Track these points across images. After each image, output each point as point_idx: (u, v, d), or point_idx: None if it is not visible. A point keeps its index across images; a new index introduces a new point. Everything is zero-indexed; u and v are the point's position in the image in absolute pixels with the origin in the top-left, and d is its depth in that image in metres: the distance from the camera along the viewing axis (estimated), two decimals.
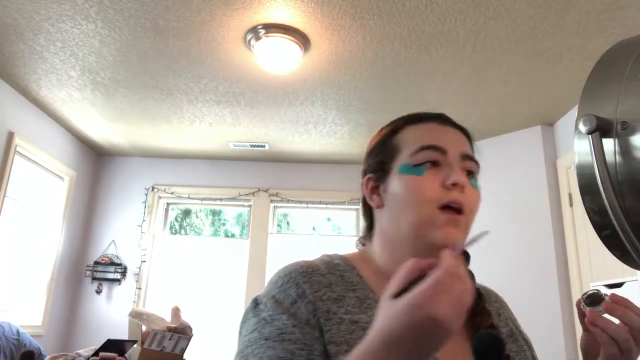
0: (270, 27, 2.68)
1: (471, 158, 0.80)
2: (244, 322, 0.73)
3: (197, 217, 5.22)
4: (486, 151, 3.06)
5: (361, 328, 0.67)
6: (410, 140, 0.80)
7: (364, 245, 0.87)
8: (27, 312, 3.94)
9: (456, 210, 0.73)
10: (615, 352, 0.69)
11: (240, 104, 3.69)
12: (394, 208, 0.78)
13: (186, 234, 5.15)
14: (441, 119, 0.84)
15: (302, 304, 0.69)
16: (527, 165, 3.81)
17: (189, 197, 4.85)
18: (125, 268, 4.64)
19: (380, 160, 0.82)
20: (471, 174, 0.79)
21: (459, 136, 0.83)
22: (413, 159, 0.78)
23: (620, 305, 0.67)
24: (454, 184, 0.74)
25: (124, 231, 4.75)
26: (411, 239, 0.75)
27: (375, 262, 0.81)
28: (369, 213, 0.86)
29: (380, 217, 0.81)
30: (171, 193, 4.84)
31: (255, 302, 0.73)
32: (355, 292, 0.74)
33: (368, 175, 0.84)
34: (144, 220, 4.76)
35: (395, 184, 0.78)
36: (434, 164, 0.77)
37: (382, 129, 0.88)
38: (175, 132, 4.29)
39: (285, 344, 0.65)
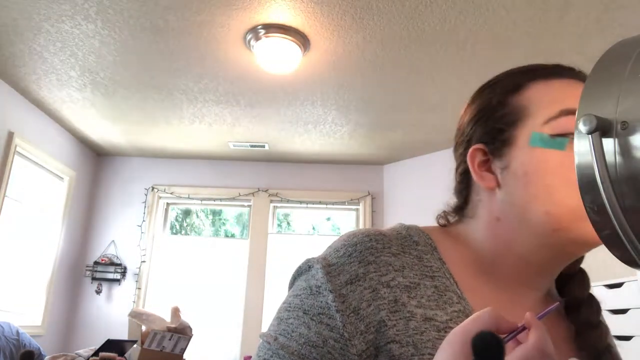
0: (270, 28, 2.68)
1: None
2: (294, 278, 0.63)
3: (197, 217, 5.22)
4: None
5: (435, 328, 0.56)
6: (545, 100, 0.61)
7: (448, 221, 0.70)
8: (27, 312, 3.95)
9: None
10: None
11: (240, 104, 3.69)
12: (520, 191, 0.60)
13: (186, 234, 5.15)
14: (577, 73, 0.65)
15: (359, 288, 0.57)
16: None
17: (188, 197, 4.85)
18: (125, 268, 4.64)
19: (495, 125, 0.63)
20: None
21: None
22: (550, 126, 0.59)
23: None
24: None
25: (124, 231, 4.75)
26: (544, 232, 0.59)
27: (468, 246, 0.65)
28: (465, 190, 0.68)
29: (491, 199, 0.63)
30: (171, 193, 4.84)
31: (308, 265, 0.62)
32: (434, 280, 0.60)
33: (476, 146, 0.64)
34: (143, 221, 4.76)
35: (525, 159, 0.60)
36: None
37: (491, 84, 0.68)
38: (175, 132, 4.29)
39: (321, 327, 0.56)
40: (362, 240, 0.61)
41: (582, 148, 0.43)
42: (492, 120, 0.64)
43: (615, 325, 2.56)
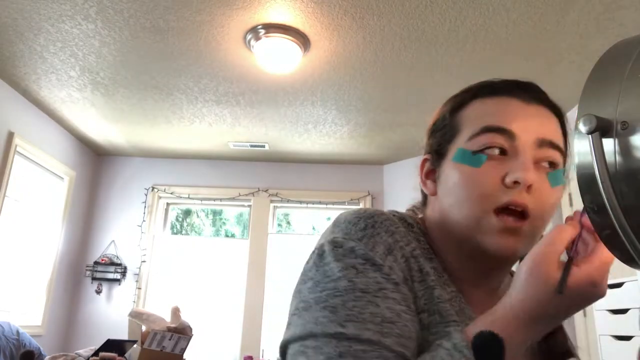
0: (270, 27, 2.68)
1: (554, 145, 0.61)
2: (315, 267, 0.57)
3: (197, 217, 5.22)
4: None
5: (447, 300, 0.58)
6: (473, 118, 0.65)
7: (415, 215, 0.74)
8: (27, 312, 3.94)
9: (518, 214, 0.58)
10: None
11: (240, 104, 3.69)
12: (445, 201, 0.64)
13: (187, 234, 5.15)
14: (523, 91, 0.65)
15: (397, 257, 0.57)
16: None
17: (188, 197, 4.85)
18: (125, 268, 4.64)
19: (437, 140, 0.69)
20: (553, 165, 0.61)
21: (541, 115, 0.64)
22: (472, 143, 0.62)
23: None
24: (516, 182, 0.58)
25: (124, 231, 4.75)
26: (460, 240, 0.62)
27: (432, 240, 0.68)
28: (423, 192, 0.73)
29: (435, 204, 0.68)
30: (171, 193, 4.84)
31: (334, 244, 0.57)
32: (431, 262, 0.62)
33: (425, 156, 0.71)
34: (143, 221, 4.76)
35: (448, 173, 0.64)
36: (502, 151, 0.61)
37: (446, 100, 0.73)
38: (175, 132, 4.29)
39: (389, 303, 0.52)
40: (374, 212, 0.61)
41: (582, 148, 0.42)
42: (437, 134, 0.69)
43: (615, 325, 2.55)
